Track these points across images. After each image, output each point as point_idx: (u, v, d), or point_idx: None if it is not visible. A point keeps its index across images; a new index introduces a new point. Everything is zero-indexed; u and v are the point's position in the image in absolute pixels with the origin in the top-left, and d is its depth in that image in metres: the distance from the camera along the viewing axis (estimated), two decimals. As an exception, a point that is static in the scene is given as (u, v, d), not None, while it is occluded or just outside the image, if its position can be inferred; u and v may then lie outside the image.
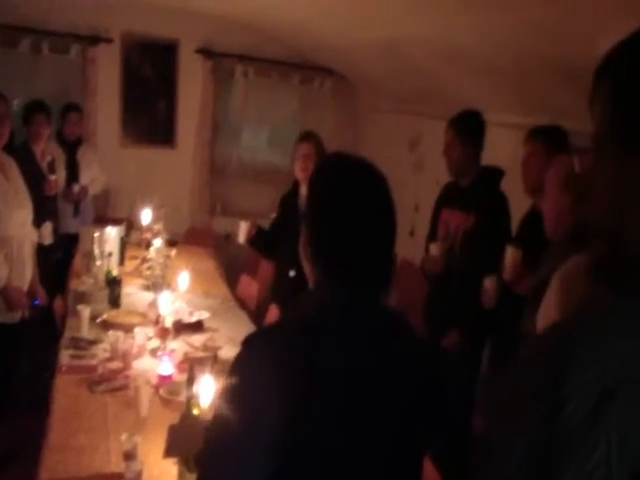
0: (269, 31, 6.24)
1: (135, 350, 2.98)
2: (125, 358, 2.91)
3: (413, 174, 5.80)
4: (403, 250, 4.56)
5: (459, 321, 3.36)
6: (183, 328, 3.38)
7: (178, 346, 3.15)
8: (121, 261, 4.50)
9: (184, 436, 2.06)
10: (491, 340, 3.37)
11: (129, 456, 2.09)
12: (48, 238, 4.41)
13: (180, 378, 2.74)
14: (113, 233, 4.36)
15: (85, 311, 3.29)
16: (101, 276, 4.02)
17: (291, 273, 3.63)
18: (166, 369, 2.81)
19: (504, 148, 3.82)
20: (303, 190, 3.78)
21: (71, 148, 5.23)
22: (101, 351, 3.04)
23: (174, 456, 2.04)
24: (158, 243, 4.45)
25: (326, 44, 5.84)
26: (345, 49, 5.67)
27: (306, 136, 3.83)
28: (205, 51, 6.50)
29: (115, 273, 3.94)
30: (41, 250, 4.02)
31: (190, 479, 1.87)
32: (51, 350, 3.16)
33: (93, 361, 2.93)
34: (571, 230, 2.06)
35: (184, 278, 4.11)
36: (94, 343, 3.11)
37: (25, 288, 3.51)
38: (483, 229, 3.31)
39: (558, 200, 2.15)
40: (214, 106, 6.70)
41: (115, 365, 2.89)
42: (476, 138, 3.43)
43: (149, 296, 3.81)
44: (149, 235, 4.87)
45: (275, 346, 1.24)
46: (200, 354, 3.08)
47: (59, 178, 4.90)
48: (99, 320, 3.38)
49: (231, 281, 4.84)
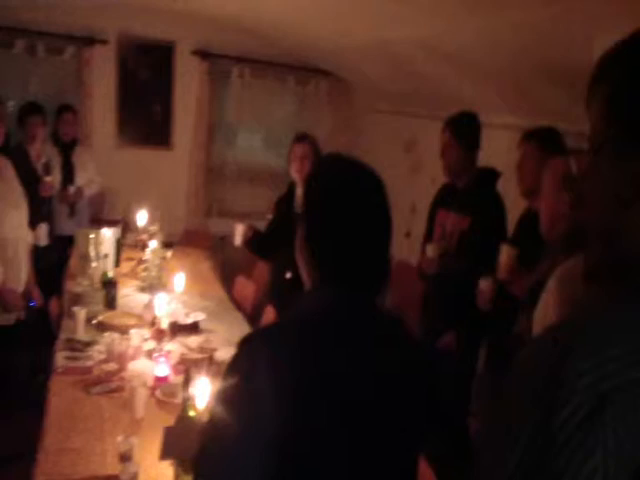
0: (265, 32, 6.24)
1: (131, 352, 2.97)
2: (121, 360, 2.91)
3: (409, 175, 5.81)
4: (399, 251, 4.58)
5: (455, 322, 3.37)
6: (179, 330, 3.38)
7: (174, 348, 3.14)
8: (117, 263, 4.49)
9: (180, 438, 2.06)
10: (487, 341, 3.38)
11: (125, 458, 2.08)
12: (44, 239, 4.41)
13: (176, 380, 2.74)
14: (109, 235, 4.35)
15: (81, 313, 3.28)
16: (97, 278, 4.00)
17: (287, 275, 3.63)
18: (162, 371, 2.80)
19: (501, 149, 3.83)
20: (299, 191, 3.78)
21: (67, 150, 5.22)
22: (97, 353, 3.02)
23: (170, 458, 2.04)
24: (154, 244, 4.44)
25: (322, 46, 5.85)
26: (341, 51, 5.68)
27: (302, 137, 3.83)
28: (201, 52, 6.50)
29: (111, 275, 3.93)
30: (36, 251, 4.02)
31: (186, 481, 1.87)
32: (47, 352, 3.15)
33: (89, 363, 2.92)
34: (568, 231, 2.06)
35: (180, 279, 4.11)
36: (90, 345, 3.10)
37: (20, 290, 3.50)
38: (479, 230, 3.31)
39: (555, 201, 2.15)
40: (210, 107, 6.70)
41: (111, 367, 2.88)
42: (472, 139, 3.43)
43: (145, 298, 3.80)
44: (145, 236, 4.86)
45: (272, 347, 1.24)
46: (196, 356, 3.07)
47: (54, 179, 4.89)
48: (95, 322, 3.37)
49: (227, 283, 4.84)
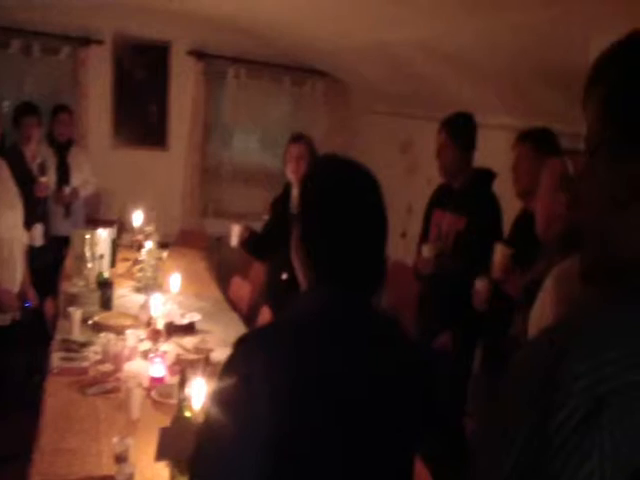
0: (261, 33, 6.24)
1: (127, 352, 2.96)
2: (116, 360, 2.90)
3: (405, 176, 5.81)
4: (395, 251, 4.58)
5: (451, 323, 3.37)
6: (175, 330, 3.37)
7: (170, 348, 3.14)
8: (112, 263, 4.48)
9: (176, 439, 2.05)
10: (483, 341, 3.38)
11: (120, 459, 2.08)
12: (39, 240, 4.40)
13: (172, 380, 2.73)
14: (104, 235, 4.34)
15: (76, 313, 3.27)
16: (92, 278, 4.00)
17: (283, 276, 3.63)
18: (158, 371, 2.80)
19: (498, 150, 3.83)
20: (295, 192, 3.78)
21: (62, 150, 5.21)
22: (92, 353, 3.02)
23: (166, 459, 2.04)
24: (150, 245, 4.43)
25: (318, 46, 5.85)
26: (339, 52, 5.68)
27: (297, 137, 3.83)
28: (197, 53, 6.50)
29: (106, 275, 3.92)
30: (32, 252, 4.02)
31: (182, 481, 1.87)
32: (42, 352, 3.15)
33: (84, 363, 2.91)
34: (564, 232, 2.07)
35: (176, 280, 4.10)
36: (85, 345, 3.10)
37: (16, 290, 3.50)
38: (475, 231, 3.32)
39: (551, 201, 2.15)
40: (206, 108, 6.70)
41: (106, 367, 2.87)
42: (468, 140, 3.44)
43: (141, 298, 3.80)
44: (141, 237, 4.86)
45: (267, 347, 1.24)
46: (192, 356, 3.07)
47: (50, 180, 4.88)
48: (90, 322, 3.37)
49: (223, 283, 4.84)
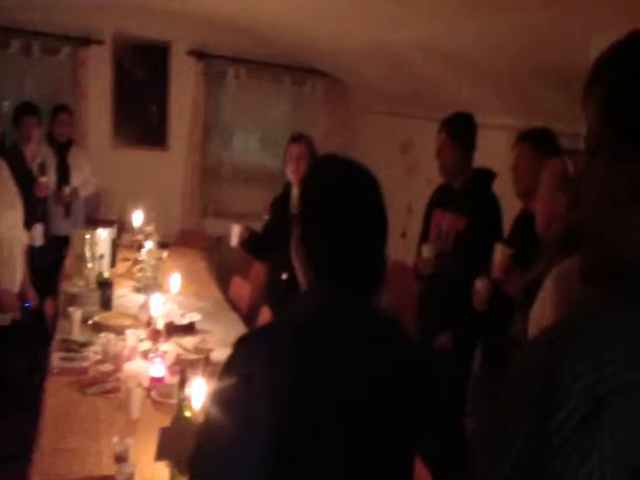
0: (261, 33, 6.24)
1: (126, 352, 2.96)
2: (116, 360, 2.90)
3: (405, 176, 5.81)
4: (395, 252, 4.58)
5: (451, 323, 3.37)
6: (175, 330, 3.37)
7: (170, 348, 3.14)
8: (112, 263, 4.48)
9: (176, 439, 2.05)
10: (483, 341, 3.38)
11: (120, 459, 2.08)
12: (39, 240, 4.41)
13: (172, 380, 2.73)
14: (104, 235, 4.34)
15: (76, 313, 3.27)
16: (92, 278, 4.00)
17: (283, 276, 3.63)
18: (158, 371, 2.80)
19: (498, 150, 3.83)
20: (295, 192, 3.78)
21: (62, 150, 5.21)
22: (92, 353, 3.02)
23: (165, 459, 2.04)
24: (150, 245, 4.43)
25: (320, 47, 5.85)
26: (339, 52, 5.68)
27: (297, 137, 3.83)
28: (197, 53, 6.50)
29: (106, 275, 3.92)
30: (32, 252, 4.02)
31: (182, 481, 1.87)
32: (42, 352, 3.15)
33: (84, 363, 2.91)
34: (564, 231, 2.06)
35: (176, 280, 4.10)
36: (85, 345, 3.10)
37: (16, 290, 3.50)
38: (475, 231, 3.32)
39: (551, 201, 2.15)
40: (206, 108, 6.70)
41: (106, 367, 2.87)
42: (468, 140, 3.44)
43: (141, 298, 3.80)
44: (141, 237, 4.86)
45: (267, 347, 1.24)
46: (192, 356, 3.07)
47: (50, 180, 4.88)
48: (90, 322, 3.37)
49: (223, 283, 4.84)
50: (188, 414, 2.08)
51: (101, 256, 4.20)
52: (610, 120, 0.78)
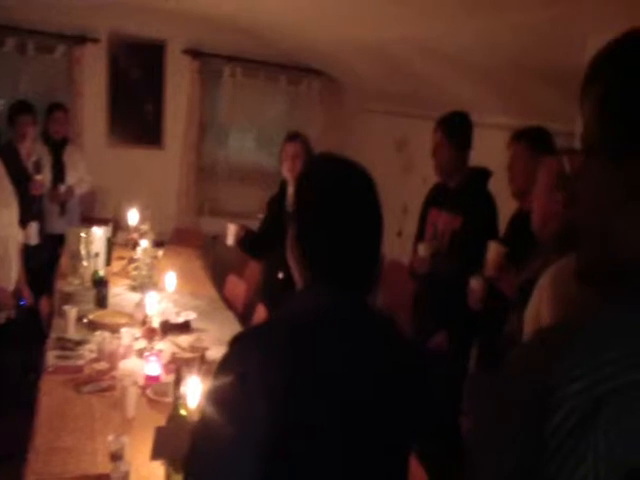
0: (261, 33, 6.24)
1: (122, 351, 2.96)
2: (112, 359, 2.90)
3: (401, 175, 5.81)
4: (391, 250, 4.58)
5: (446, 322, 3.37)
6: (170, 329, 3.37)
7: (165, 347, 3.14)
8: (108, 261, 4.48)
9: (171, 437, 2.05)
10: (478, 340, 3.38)
11: (116, 457, 2.08)
12: (34, 238, 4.40)
13: (167, 379, 2.73)
14: (100, 233, 4.34)
15: (71, 312, 3.27)
16: (88, 277, 4.00)
17: (280, 275, 3.62)
18: (153, 370, 2.80)
19: (495, 149, 3.83)
20: (291, 190, 3.78)
21: (57, 148, 5.20)
22: (87, 352, 3.01)
23: (161, 458, 2.03)
24: (145, 243, 4.43)
25: (314, 46, 5.85)
26: (336, 51, 5.68)
27: (294, 136, 3.83)
28: (192, 51, 6.49)
29: (102, 273, 3.92)
30: (27, 250, 4.01)
31: (177, 480, 1.87)
32: (37, 351, 3.14)
33: (79, 362, 2.90)
34: (561, 230, 2.06)
35: (171, 278, 4.10)
36: (80, 344, 3.10)
37: (11, 288, 3.49)
38: (470, 230, 3.32)
39: (547, 200, 2.15)
40: (201, 107, 6.69)
41: (102, 366, 2.87)
42: (464, 139, 3.44)
43: (136, 297, 3.79)
44: (136, 235, 4.85)
45: (263, 346, 1.24)
46: (187, 355, 3.07)
47: (45, 178, 4.87)
48: (86, 320, 3.36)
49: (218, 281, 4.83)
50: (183, 413, 2.08)
51: (96, 254, 4.20)
52: (607, 119, 0.77)
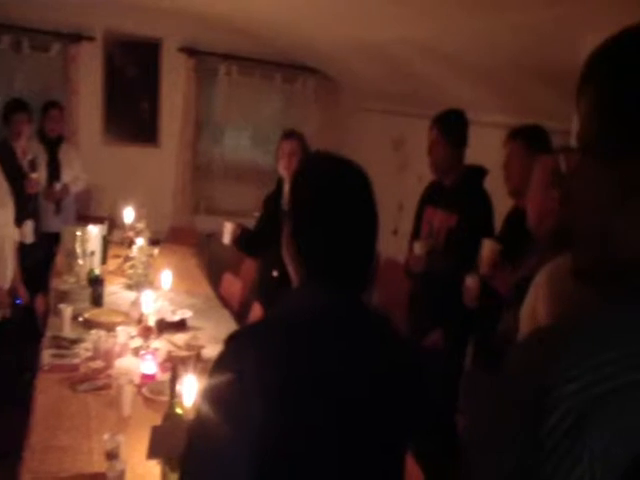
0: (252, 30, 6.23)
1: (118, 349, 2.96)
2: (107, 357, 2.89)
3: (397, 173, 5.82)
4: (387, 249, 4.58)
5: (442, 320, 3.37)
6: (166, 327, 3.37)
7: (161, 345, 3.14)
8: (103, 260, 4.47)
9: (167, 436, 2.05)
10: (474, 338, 3.38)
11: (112, 456, 2.08)
12: (29, 237, 4.39)
13: (163, 377, 2.73)
14: (95, 232, 4.34)
15: (67, 310, 3.26)
16: (83, 275, 3.99)
17: (274, 273, 3.62)
18: (149, 368, 2.79)
19: (491, 147, 3.84)
20: (287, 188, 3.78)
21: (53, 146, 5.19)
22: (83, 350, 3.01)
23: (157, 457, 2.03)
24: (141, 242, 4.43)
25: (310, 44, 5.85)
26: (330, 49, 5.67)
27: (290, 134, 3.83)
28: (188, 50, 6.48)
29: (97, 272, 3.91)
30: (22, 249, 4.00)
31: (173, 479, 1.87)
32: (33, 349, 3.14)
33: (75, 360, 2.90)
34: (556, 228, 2.07)
35: (167, 277, 4.09)
36: (76, 342, 3.09)
37: (6, 287, 3.49)
38: (466, 228, 3.32)
39: (543, 197, 2.16)
40: (197, 105, 6.69)
41: (97, 364, 2.86)
42: (460, 137, 3.44)
43: (132, 295, 3.79)
44: (132, 234, 4.84)
45: (258, 344, 1.24)
46: (183, 353, 3.07)
47: (40, 176, 4.86)
48: (81, 319, 3.36)
49: (214, 280, 4.83)
50: (179, 411, 2.08)
51: (92, 253, 4.20)
52: (602, 118, 0.77)
